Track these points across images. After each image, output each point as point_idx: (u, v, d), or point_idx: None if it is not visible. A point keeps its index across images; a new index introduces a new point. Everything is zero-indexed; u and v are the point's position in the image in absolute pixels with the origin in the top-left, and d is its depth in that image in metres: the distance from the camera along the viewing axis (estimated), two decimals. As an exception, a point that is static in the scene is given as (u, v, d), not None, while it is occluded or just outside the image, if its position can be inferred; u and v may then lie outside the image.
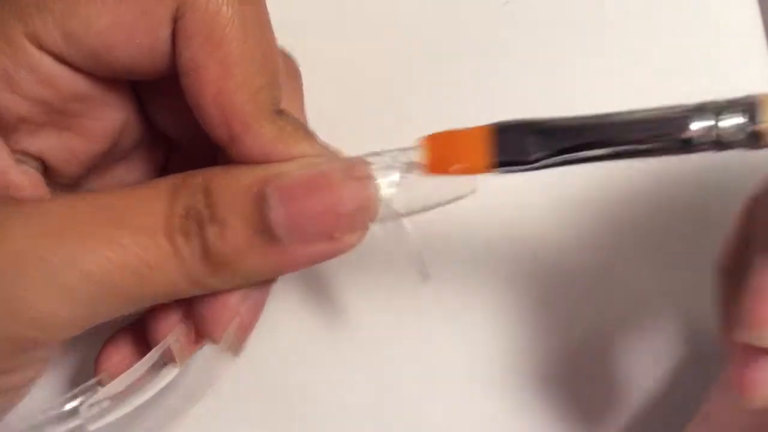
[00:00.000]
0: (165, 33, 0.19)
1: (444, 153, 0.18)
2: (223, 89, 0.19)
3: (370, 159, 0.20)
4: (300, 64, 0.25)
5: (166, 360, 0.21)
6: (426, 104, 0.31)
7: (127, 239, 0.18)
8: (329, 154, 0.20)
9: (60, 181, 0.23)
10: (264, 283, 0.21)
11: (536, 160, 0.18)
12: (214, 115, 0.19)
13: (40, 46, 0.19)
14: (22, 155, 0.21)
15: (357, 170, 0.19)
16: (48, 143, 0.21)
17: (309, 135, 0.20)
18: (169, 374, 0.21)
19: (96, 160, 0.23)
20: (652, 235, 0.29)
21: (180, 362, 0.21)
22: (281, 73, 0.20)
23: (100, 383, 0.22)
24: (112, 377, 0.22)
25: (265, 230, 0.19)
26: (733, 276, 0.20)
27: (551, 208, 0.29)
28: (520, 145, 0.18)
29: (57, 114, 0.21)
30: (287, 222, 0.19)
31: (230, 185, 0.19)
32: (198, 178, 0.19)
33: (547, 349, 0.28)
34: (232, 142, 0.20)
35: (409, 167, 0.20)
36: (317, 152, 0.20)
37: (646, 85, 0.30)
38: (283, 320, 0.29)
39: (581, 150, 0.17)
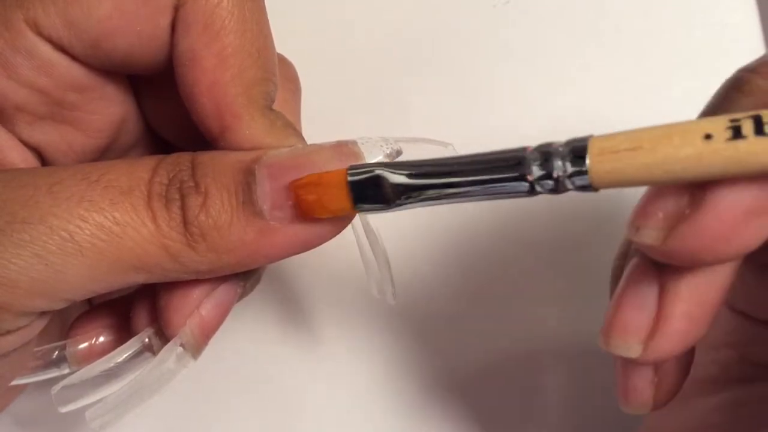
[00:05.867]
0: (165, 21, 0.19)
1: (310, 198, 0.18)
2: (217, 80, 0.19)
3: (358, 140, 0.20)
4: (299, 65, 0.25)
5: (145, 349, 0.21)
6: (426, 104, 0.31)
7: (100, 196, 0.18)
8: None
9: None
10: (232, 281, 0.21)
11: (394, 201, 0.18)
12: (206, 105, 0.19)
13: (40, 33, 0.19)
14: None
15: (345, 148, 0.19)
16: (46, 136, 0.21)
17: (298, 133, 0.20)
18: (146, 364, 0.21)
19: (93, 156, 0.23)
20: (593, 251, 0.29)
21: (157, 353, 0.21)
22: (277, 71, 0.21)
23: (65, 347, 0.22)
24: (77, 344, 0.22)
25: (248, 203, 0.18)
26: (616, 280, 0.19)
27: (515, 221, 0.29)
28: (377, 187, 0.18)
29: (55, 105, 0.21)
30: (272, 196, 0.18)
31: (218, 161, 0.19)
32: (186, 154, 0.19)
33: (511, 363, 0.29)
34: (222, 134, 0.19)
35: (396, 153, 0.20)
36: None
37: (646, 85, 0.30)
38: (255, 327, 0.29)
39: (434, 190, 0.18)
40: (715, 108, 0.17)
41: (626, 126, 0.16)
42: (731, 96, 0.17)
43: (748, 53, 0.30)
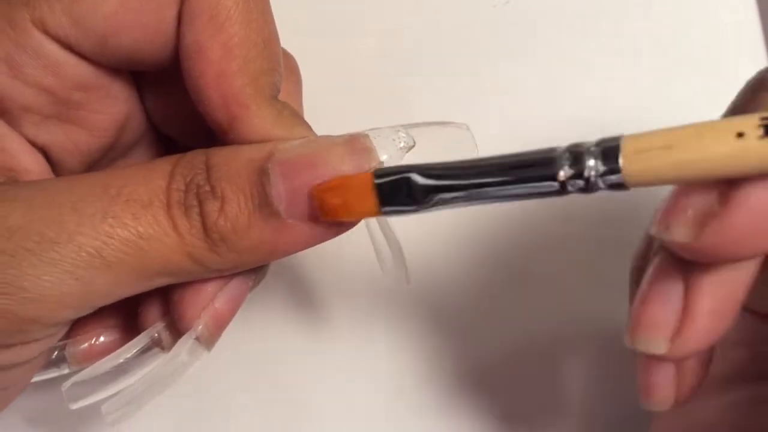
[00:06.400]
0: (170, 14, 0.20)
1: (335, 202, 0.18)
2: (224, 71, 0.19)
3: (369, 134, 0.20)
4: (301, 63, 0.25)
5: (153, 344, 0.21)
6: (426, 104, 0.31)
7: (122, 211, 0.18)
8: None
9: (62, 174, 0.23)
10: (245, 274, 0.21)
11: (421, 203, 0.18)
12: (213, 97, 0.19)
13: (46, 32, 0.19)
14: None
15: (357, 143, 0.19)
16: (52, 136, 0.22)
17: (305, 123, 0.20)
18: (155, 359, 0.21)
19: (98, 155, 0.23)
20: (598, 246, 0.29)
21: (168, 349, 0.21)
22: (282, 61, 0.21)
23: (64, 348, 0.22)
24: (78, 344, 0.22)
25: (264, 205, 0.19)
26: (637, 279, 0.20)
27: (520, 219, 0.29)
28: (404, 190, 0.18)
29: (61, 104, 0.21)
30: (287, 196, 0.19)
31: (231, 161, 0.19)
32: (199, 155, 0.20)
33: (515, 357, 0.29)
34: (230, 125, 0.20)
35: (409, 146, 0.20)
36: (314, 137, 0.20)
37: (646, 85, 0.30)
38: (263, 323, 0.29)
39: (462, 191, 0.17)
40: (739, 108, 0.18)
41: (625, 125, 0.17)
42: (757, 96, 0.17)
43: (748, 53, 0.31)
